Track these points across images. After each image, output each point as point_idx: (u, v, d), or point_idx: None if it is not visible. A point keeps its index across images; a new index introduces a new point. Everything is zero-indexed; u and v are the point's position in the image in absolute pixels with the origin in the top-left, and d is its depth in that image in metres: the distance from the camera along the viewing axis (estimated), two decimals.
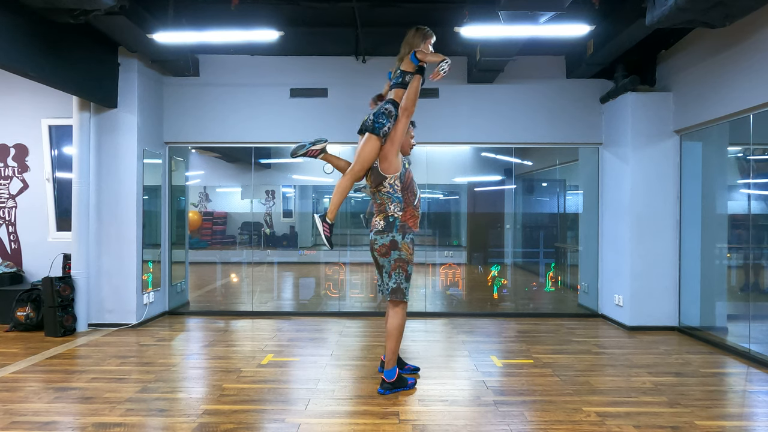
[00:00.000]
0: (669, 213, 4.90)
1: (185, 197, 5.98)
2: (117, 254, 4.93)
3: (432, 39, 3.29)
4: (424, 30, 3.27)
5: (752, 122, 3.95)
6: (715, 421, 2.75)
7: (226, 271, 6.32)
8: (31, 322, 4.72)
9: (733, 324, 4.41)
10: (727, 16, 3.43)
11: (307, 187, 6.93)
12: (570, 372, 3.58)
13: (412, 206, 3.23)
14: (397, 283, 3.18)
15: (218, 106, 5.47)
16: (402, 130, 3.17)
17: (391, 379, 3.18)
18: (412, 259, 3.25)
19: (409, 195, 3.23)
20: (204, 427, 2.65)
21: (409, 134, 3.37)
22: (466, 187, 6.40)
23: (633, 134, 4.89)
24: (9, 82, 5.21)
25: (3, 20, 3.46)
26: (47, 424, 2.68)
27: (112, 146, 4.93)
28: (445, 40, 5.02)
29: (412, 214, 3.24)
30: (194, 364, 3.80)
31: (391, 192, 3.19)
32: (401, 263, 3.17)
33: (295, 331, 4.78)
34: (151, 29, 4.24)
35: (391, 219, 3.19)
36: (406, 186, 3.23)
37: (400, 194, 3.20)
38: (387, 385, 3.17)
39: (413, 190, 3.27)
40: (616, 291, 5.12)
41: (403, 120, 3.16)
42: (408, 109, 3.16)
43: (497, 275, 5.86)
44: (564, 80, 5.46)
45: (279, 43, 4.78)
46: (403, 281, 3.19)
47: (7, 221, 5.46)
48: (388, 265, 3.19)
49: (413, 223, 3.25)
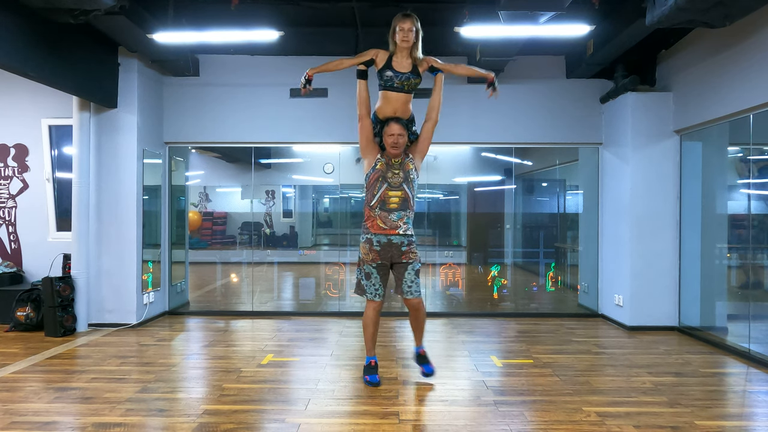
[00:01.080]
0: (669, 213, 4.90)
1: (185, 197, 5.98)
2: (117, 254, 4.93)
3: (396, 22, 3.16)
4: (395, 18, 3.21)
5: (752, 122, 3.95)
6: (715, 421, 2.75)
7: (226, 271, 6.32)
8: (31, 322, 4.72)
9: (733, 324, 4.41)
10: (727, 16, 3.43)
11: (307, 187, 6.94)
12: (570, 372, 3.58)
13: (368, 206, 3.29)
14: (358, 278, 3.37)
15: (218, 106, 5.46)
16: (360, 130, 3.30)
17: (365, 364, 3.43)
18: (369, 259, 3.28)
19: (367, 195, 3.31)
20: (204, 427, 2.65)
21: (387, 132, 3.23)
22: (466, 187, 6.40)
23: (633, 134, 4.89)
24: (9, 82, 5.20)
25: (3, 20, 3.45)
26: (47, 424, 2.68)
27: (112, 146, 4.93)
28: (445, 40, 5.03)
29: (368, 215, 3.30)
30: (194, 364, 3.80)
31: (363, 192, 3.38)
32: (359, 262, 3.36)
33: (295, 331, 4.78)
34: (151, 29, 4.24)
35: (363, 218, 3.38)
36: (369, 186, 3.30)
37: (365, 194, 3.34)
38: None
39: (373, 190, 3.27)
40: (616, 291, 5.12)
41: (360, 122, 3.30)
42: (358, 111, 3.30)
43: (497, 275, 5.86)
44: (564, 80, 5.46)
45: (279, 43, 4.77)
46: (363, 278, 3.33)
47: (7, 221, 5.46)
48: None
49: (370, 224, 3.28)
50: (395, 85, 3.21)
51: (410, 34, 3.13)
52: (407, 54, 3.20)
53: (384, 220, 3.24)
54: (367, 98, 3.31)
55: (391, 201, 3.23)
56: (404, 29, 3.12)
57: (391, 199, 3.23)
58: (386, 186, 3.23)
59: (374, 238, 3.26)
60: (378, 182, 3.25)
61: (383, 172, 3.25)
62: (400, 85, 3.21)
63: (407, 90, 3.25)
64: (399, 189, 3.24)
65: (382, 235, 3.25)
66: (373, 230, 3.26)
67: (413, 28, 3.14)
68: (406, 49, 3.18)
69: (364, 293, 3.34)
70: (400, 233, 3.25)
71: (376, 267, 3.28)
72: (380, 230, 3.24)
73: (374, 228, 3.26)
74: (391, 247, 3.26)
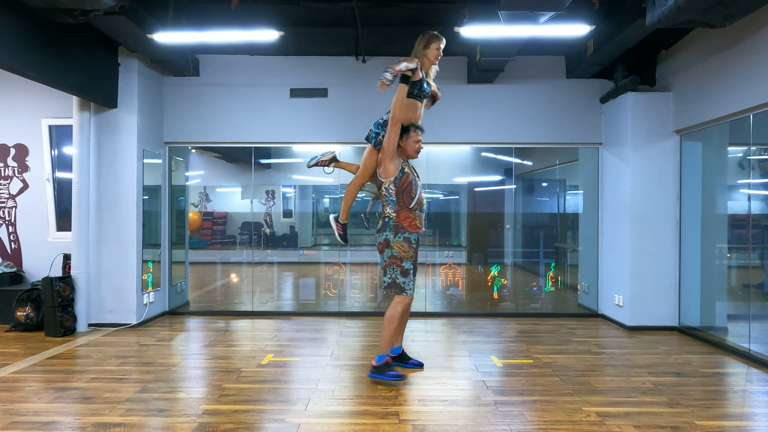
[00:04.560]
0: (669, 213, 4.90)
1: (185, 197, 5.98)
2: (117, 254, 4.93)
3: (436, 43, 3.38)
4: (427, 35, 3.40)
5: (752, 122, 3.95)
6: (715, 421, 2.75)
7: (226, 271, 6.32)
8: (31, 322, 4.72)
9: (733, 324, 4.41)
10: (727, 16, 3.43)
11: (307, 187, 6.94)
12: (570, 372, 3.58)
13: (407, 209, 3.38)
14: (392, 278, 3.38)
15: (218, 106, 5.47)
16: (392, 138, 3.30)
17: (378, 363, 3.36)
18: (408, 256, 3.38)
19: (403, 198, 3.38)
20: (204, 427, 2.65)
21: (414, 138, 3.42)
22: (466, 187, 6.40)
23: (633, 134, 4.89)
24: (9, 82, 5.20)
25: (3, 20, 3.46)
26: (47, 424, 2.68)
27: (112, 146, 4.93)
28: (445, 40, 5.03)
29: (406, 216, 3.38)
30: (194, 364, 3.80)
31: (386, 195, 3.41)
32: (394, 260, 3.37)
33: (295, 331, 4.78)
34: (151, 29, 4.24)
35: (386, 219, 3.42)
36: (402, 190, 3.37)
37: (394, 197, 3.38)
38: (373, 369, 3.38)
39: (410, 193, 3.37)
40: (616, 291, 5.12)
41: (392, 128, 3.29)
42: (394, 118, 3.27)
43: (497, 275, 5.86)
44: (564, 80, 5.46)
45: (279, 43, 4.77)
46: (399, 276, 3.37)
47: (7, 221, 5.46)
48: (383, 262, 3.43)
49: (408, 224, 3.38)
50: (423, 96, 3.46)
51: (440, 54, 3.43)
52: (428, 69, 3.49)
53: (420, 220, 3.46)
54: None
55: (424, 203, 3.50)
56: (440, 49, 3.40)
57: (424, 200, 3.50)
58: (420, 189, 3.45)
59: (412, 236, 3.41)
60: (413, 185, 3.40)
61: (413, 175, 3.44)
62: (426, 96, 3.50)
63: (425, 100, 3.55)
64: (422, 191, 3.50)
65: (417, 234, 3.45)
66: (411, 229, 3.40)
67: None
68: (432, 65, 3.48)
69: (403, 290, 3.37)
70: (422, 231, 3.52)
71: (413, 263, 3.45)
72: (416, 229, 3.44)
73: (412, 227, 3.40)
74: (418, 244, 3.52)
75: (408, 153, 3.43)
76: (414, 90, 3.34)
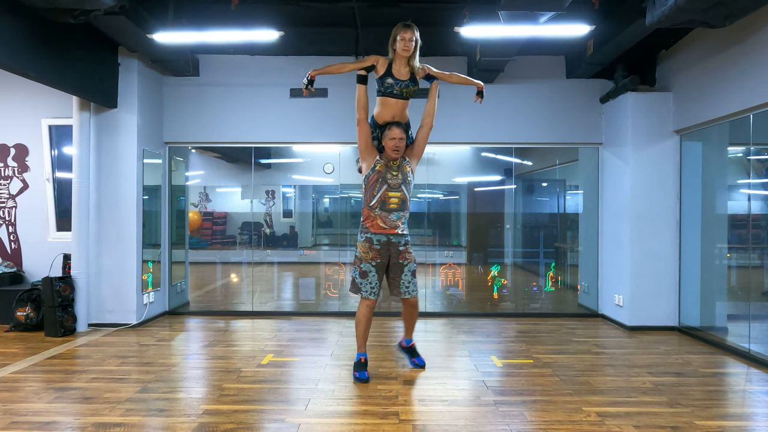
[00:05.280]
0: (669, 213, 4.90)
1: (185, 197, 5.98)
2: (117, 254, 4.93)
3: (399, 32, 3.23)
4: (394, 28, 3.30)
5: (752, 122, 3.95)
6: (715, 421, 2.75)
7: (226, 271, 6.32)
8: (31, 322, 4.72)
9: (733, 324, 4.41)
10: (727, 16, 3.43)
11: (307, 187, 6.93)
12: (570, 372, 3.58)
13: (367, 207, 3.38)
14: (353, 276, 3.45)
15: (218, 106, 5.47)
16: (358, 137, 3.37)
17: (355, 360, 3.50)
18: (368, 258, 3.38)
19: (366, 195, 3.39)
20: (204, 427, 2.65)
21: (389, 136, 3.32)
22: (466, 187, 6.40)
23: (633, 134, 4.89)
24: (9, 82, 5.20)
25: (3, 20, 3.45)
26: (47, 424, 2.68)
27: (112, 146, 4.93)
28: (445, 40, 5.04)
29: (368, 214, 3.40)
30: (194, 364, 3.80)
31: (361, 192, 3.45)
32: (356, 260, 3.45)
33: (295, 331, 4.78)
34: (151, 29, 4.23)
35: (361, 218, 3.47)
36: (368, 187, 3.38)
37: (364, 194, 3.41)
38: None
39: (373, 191, 3.35)
40: (616, 291, 5.12)
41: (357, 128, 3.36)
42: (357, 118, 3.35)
43: (497, 275, 5.86)
44: (564, 80, 5.46)
45: (279, 43, 4.77)
46: (357, 276, 3.41)
47: (7, 221, 5.46)
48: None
49: (370, 223, 3.39)
50: (395, 92, 3.34)
51: (410, 44, 3.25)
52: (405, 62, 3.32)
53: (384, 219, 3.36)
54: (366, 103, 3.39)
55: (391, 202, 3.36)
56: (405, 39, 3.22)
57: (391, 199, 3.36)
58: (386, 187, 3.35)
59: (374, 237, 3.38)
60: (378, 183, 3.35)
61: (383, 173, 3.36)
62: (399, 92, 3.34)
63: (405, 96, 3.38)
64: (398, 190, 3.37)
65: (381, 234, 3.38)
66: (373, 230, 3.38)
67: (413, 38, 3.24)
68: (405, 57, 3.29)
69: (359, 291, 3.41)
70: (399, 232, 3.39)
71: (375, 266, 3.38)
72: (380, 229, 3.36)
73: (374, 227, 3.37)
74: (390, 246, 3.41)
75: (386, 152, 3.37)
76: (380, 88, 3.35)
